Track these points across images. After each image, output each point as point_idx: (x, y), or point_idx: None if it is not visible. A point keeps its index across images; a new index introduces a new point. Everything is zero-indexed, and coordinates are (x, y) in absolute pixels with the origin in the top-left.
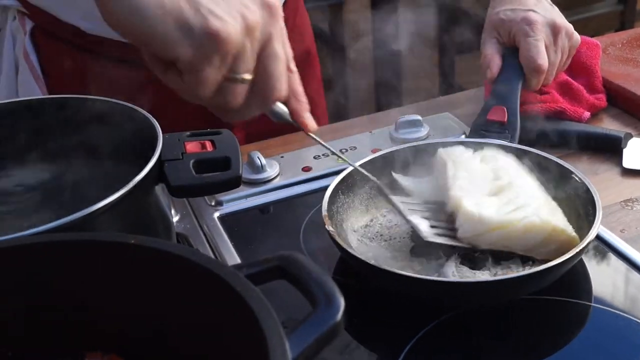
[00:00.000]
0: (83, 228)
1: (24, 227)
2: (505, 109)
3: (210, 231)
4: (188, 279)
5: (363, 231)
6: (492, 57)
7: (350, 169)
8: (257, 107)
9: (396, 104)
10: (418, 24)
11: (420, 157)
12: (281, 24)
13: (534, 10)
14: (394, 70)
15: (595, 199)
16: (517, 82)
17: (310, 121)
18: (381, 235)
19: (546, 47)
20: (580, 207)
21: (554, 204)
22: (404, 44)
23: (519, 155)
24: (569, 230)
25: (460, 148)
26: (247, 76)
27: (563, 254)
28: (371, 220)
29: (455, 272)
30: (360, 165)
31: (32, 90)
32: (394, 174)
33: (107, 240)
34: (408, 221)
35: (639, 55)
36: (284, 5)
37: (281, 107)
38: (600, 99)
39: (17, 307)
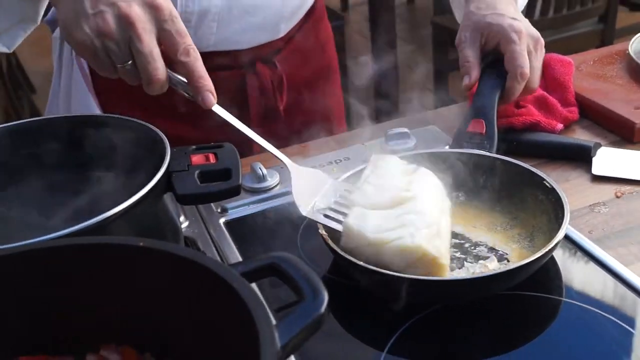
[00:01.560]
0: (98, 233)
1: (46, 232)
2: (483, 121)
3: (216, 235)
4: (189, 276)
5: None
6: (474, 64)
7: (342, 178)
8: (150, 85)
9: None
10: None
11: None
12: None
13: (517, 19)
14: (391, 85)
15: (564, 203)
16: (495, 95)
17: (207, 99)
18: None
19: (529, 56)
20: (551, 211)
21: (443, 228)
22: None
23: (495, 164)
24: (441, 258)
25: (394, 158)
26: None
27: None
28: None
29: None
30: (350, 175)
31: (82, 88)
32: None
33: (118, 243)
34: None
35: (608, 72)
36: (307, 19)
37: (180, 81)
38: (573, 112)
39: (35, 304)
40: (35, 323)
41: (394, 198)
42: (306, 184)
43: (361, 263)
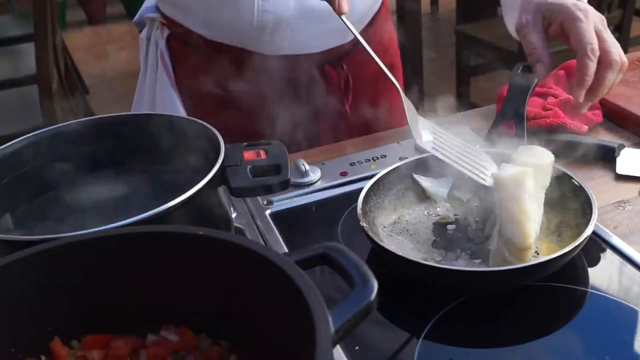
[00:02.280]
0: (159, 222)
1: (112, 221)
2: (513, 123)
3: (263, 226)
4: (246, 265)
5: (391, 227)
6: (543, 50)
7: (382, 173)
8: None
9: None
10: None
11: (438, 163)
12: None
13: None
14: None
15: (592, 200)
16: (525, 98)
17: (343, 4)
18: (407, 230)
19: (599, 33)
20: (579, 208)
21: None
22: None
23: None
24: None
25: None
26: None
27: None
28: (398, 218)
29: (469, 262)
30: (389, 171)
31: (166, 86)
32: (414, 175)
33: (179, 232)
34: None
35: (630, 77)
36: (372, 23)
37: None
38: (597, 115)
39: (105, 287)
40: (102, 305)
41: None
42: (414, 116)
43: (399, 253)
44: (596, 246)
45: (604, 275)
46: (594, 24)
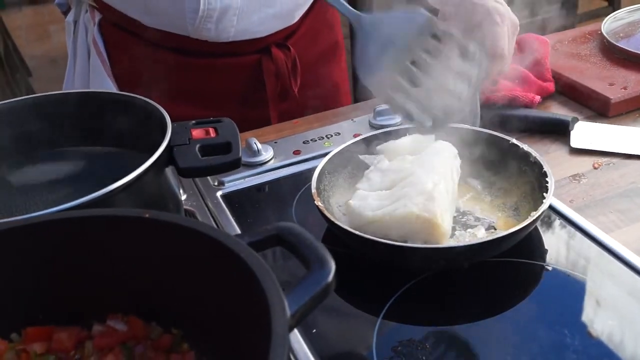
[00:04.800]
0: (102, 206)
1: (49, 205)
2: None
3: (214, 208)
4: (196, 248)
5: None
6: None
7: (335, 151)
8: None
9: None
10: None
11: (393, 139)
12: None
13: (499, 3)
14: None
15: (549, 174)
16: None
17: None
18: None
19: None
20: (535, 181)
21: (440, 192)
22: None
23: (480, 137)
24: (435, 218)
25: (408, 139)
26: None
27: (436, 239)
28: None
29: None
30: (343, 148)
31: (100, 72)
32: (360, 157)
33: (123, 215)
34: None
35: (582, 51)
36: (316, 3)
37: None
38: (550, 85)
39: (45, 275)
40: (42, 295)
41: (394, 180)
42: (371, 47)
43: (356, 232)
44: (552, 220)
45: (561, 249)
46: (507, 28)
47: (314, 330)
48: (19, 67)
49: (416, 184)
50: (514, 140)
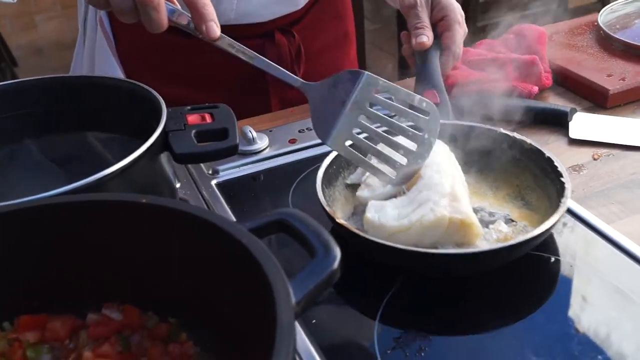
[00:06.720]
0: (96, 191)
1: (43, 190)
2: (435, 91)
3: (209, 196)
4: (196, 234)
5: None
6: (429, 27)
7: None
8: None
9: None
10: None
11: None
12: None
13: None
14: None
15: (554, 160)
16: (436, 63)
17: (211, 29)
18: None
19: None
20: (535, 168)
21: (460, 190)
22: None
23: (462, 132)
24: (468, 218)
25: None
26: None
27: (470, 240)
28: (355, 208)
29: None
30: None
31: (106, 51)
32: (346, 181)
33: (119, 200)
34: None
35: (579, 42)
36: None
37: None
38: (547, 77)
39: (38, 262)
40: (37, 282)
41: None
42: (325, 109)
43: (396, 245)
44: None
45: (565, 240)
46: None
47: (314, 321)
48: (5, 57)
49: (434, 186)
50: (507, 131)
